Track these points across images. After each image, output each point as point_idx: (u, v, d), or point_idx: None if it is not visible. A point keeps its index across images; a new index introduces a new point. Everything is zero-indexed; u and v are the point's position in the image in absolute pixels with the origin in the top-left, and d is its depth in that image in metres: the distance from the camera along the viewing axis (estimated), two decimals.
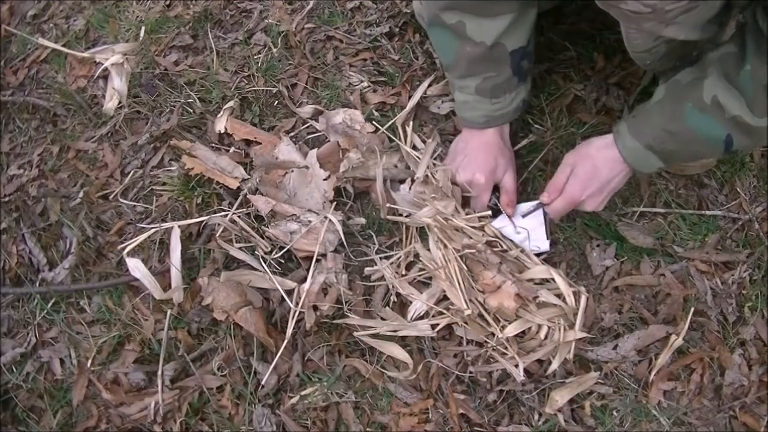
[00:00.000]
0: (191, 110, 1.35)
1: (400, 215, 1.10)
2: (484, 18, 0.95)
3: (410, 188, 1.13)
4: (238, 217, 1.14)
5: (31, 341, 1.16)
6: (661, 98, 0.90)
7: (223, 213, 1.15)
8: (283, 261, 1.11)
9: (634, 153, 0.93)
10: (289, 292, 1.05)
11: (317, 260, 1.07)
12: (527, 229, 1.05)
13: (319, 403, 1.00)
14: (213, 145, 1.28)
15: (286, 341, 1.02)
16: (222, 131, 1.27)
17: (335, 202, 1.15)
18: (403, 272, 1.06)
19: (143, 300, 1.14)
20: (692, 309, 0.98)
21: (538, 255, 1.05)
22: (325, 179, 1.16)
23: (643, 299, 1.02)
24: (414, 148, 1.19)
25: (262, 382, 1.02)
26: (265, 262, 1.08)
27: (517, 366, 0.95)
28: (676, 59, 0.92)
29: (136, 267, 1.08)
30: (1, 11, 1.70)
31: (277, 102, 1.33)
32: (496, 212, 1.09)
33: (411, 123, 1.21)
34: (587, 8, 1.28)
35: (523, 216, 1.08)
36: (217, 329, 1.09)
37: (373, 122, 1.22)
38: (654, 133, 0.90)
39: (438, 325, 1.01)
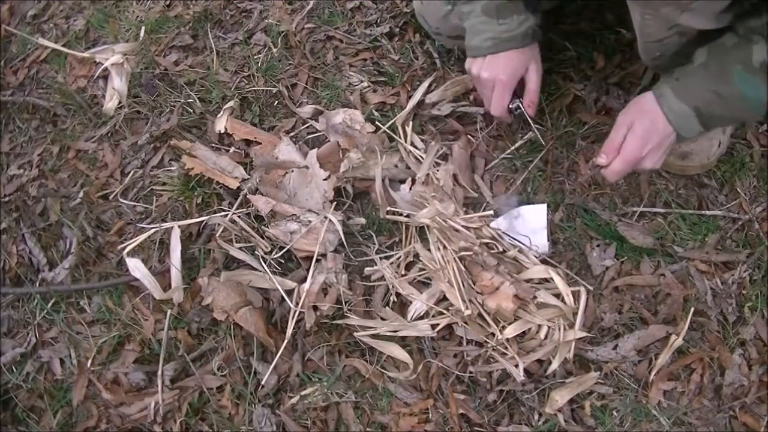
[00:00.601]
0: (191, 110, 1.35)
1: (400, 215, 1.10)
2: None
3: (410, 188, 1.13)
4: (238, 217, 1.14)
5: (31, 341, 1.16)
6: (705, 60, 0.88)
7: (223, 213, 1.15)
8: (283, 261, 1.11)
9: (680, 116, 0.91)
10: (289, 292, 1.05)
11: (317, 260, 1.07)
12: (528, 235, 1.05)
13: (319, 403, 1.00)
14: (213, 145, 1.28)
15: (286, 341, 1.02)
16: (222, 131, 1.27)
17: (335, 202, 1.15)
18: (403, 272, 1.06)
19: (143, 300, 1.14)
20: (692, 309, 0.98)
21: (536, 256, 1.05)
22: (325, 179, 1.16)
23: (643, 299, 1.02)
24: (414, 147, 1.19)
25: (262, 382, 1.02)
26: (265, 262, 1.08)
27: (517, 366, 0.95)
28: (684, 56, 0.92)
29: (136, 267, 1.08)
30: (1, 11, 1.71)
31: (277, 102, 1.33)
32: (517, 116, 1.09)
33: (411, 123, 1.22)
34: (587, 8, 1.28)
35: (526, 213, 1.08)
36: (217, 329, 1.09)
37: (376, 122, 1.22)
38: (701, 95, 0.88)
39: (438, 325, 1.01)
